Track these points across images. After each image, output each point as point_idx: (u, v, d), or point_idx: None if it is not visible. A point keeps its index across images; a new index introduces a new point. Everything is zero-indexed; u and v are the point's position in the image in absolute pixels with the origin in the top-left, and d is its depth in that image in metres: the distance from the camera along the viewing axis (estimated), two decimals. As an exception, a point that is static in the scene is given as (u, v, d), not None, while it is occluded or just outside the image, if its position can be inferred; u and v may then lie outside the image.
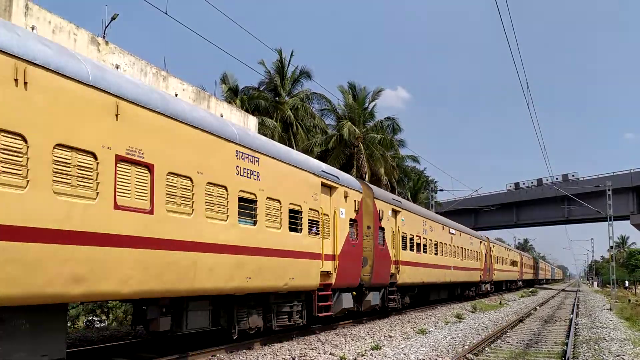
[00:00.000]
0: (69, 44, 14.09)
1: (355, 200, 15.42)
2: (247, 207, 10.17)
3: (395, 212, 19.32)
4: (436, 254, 24.57)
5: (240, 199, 9.91)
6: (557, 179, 62.04)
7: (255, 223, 10.38)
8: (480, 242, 36.42)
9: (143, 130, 7.86)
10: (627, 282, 75.60)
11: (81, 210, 6.78)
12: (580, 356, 11.97)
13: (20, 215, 6.09)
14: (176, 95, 16.23)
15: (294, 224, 11.91)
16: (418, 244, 21.88)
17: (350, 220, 15.01)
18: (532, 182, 67.95)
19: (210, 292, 9.28)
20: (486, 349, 12.93)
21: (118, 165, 7.37)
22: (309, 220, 12.61)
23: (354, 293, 15.54)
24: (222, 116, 17.84)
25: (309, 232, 12.55)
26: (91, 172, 6.98)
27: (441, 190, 58.45)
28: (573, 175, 63.18)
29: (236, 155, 9.90)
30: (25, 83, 6.26)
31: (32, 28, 12.63)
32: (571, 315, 22.43)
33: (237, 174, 9.87)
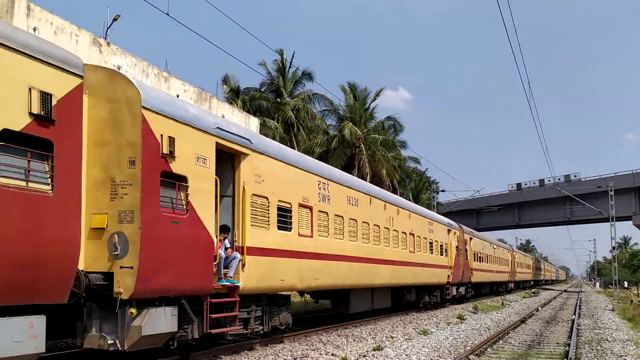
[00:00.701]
0: (71, 45, 14.12)
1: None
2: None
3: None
4: (355, 239, 15.30)
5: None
6: (559, 179, 61.96)
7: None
8: (449, 230, 26.88)
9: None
10: (626, 282, 75.34)
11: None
12: (582, 357, 11.94)
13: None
14: (178, 96, 16.25)
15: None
16: (310, 221, 13.13)
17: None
18: (534, 183, 67.87)
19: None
20: (488, 349, 12.90)
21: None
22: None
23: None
24: (223, 117, 17.90)
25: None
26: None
27: (443, 190, 58.44)
28: (575, 176, 63.09)
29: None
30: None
31: (34, 29, 12.65)
32: (573, 316, 22.37)
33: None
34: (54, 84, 6.61)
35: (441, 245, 24.88)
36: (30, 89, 6.30)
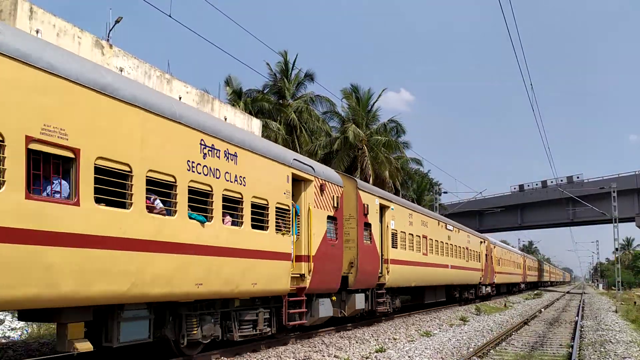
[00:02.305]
0: (73, 47, 14.13)
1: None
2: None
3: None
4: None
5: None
6: (561, 180, 61.97)
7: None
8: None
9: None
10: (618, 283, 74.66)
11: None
12: (585, 358, 11.92)
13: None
14: (180, 98, 16.24)
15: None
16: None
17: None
18: (536, 184, 67.90)
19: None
20: (491, 351, 12.87)
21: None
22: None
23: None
24: (225, 119, 17.87)
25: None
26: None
27: (445, 192, 58.37)
28: (578, 177, 63.10)
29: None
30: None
31: (37, 32, 12.69)
32: (576, 318, 22.32)
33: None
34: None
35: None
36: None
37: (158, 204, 7.97)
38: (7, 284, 5.83)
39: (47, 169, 6.40)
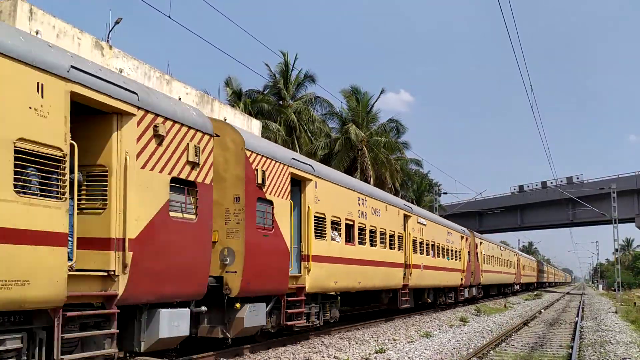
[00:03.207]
0: (73, 48, 14.14)
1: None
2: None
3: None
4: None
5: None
6: (561, 181, 61.97)
7: None
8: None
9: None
10: (614, 283, 74.71)
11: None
12: (585, 359, 11.92)
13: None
14: (180, 99, 16.25)
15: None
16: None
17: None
18: (536, 185, 67.89)
19: None
20: (491, 352, 12.87)
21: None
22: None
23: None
24: (225, 119, 17.88)
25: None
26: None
27: (445, 193, 58.38)
28: (577, 178, 63.10)
29: None
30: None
31: (37, 32, 12.69)
32: (576, 318, 22.33)
33: None
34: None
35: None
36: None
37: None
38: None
39: None
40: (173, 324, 8.10)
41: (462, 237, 28.47)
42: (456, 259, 26.93)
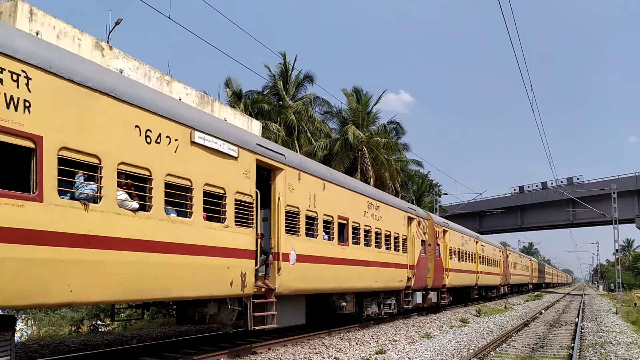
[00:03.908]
0: (74, 49, 14.12)
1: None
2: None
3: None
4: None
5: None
6: (561, 182, 61.98)
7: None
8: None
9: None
10: (611, 284, 74.34)
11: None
12: (586, 360, 11.91)
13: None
14: (180, 99, 16.25)
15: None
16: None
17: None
18: (536, 186, 67.89)
19: None
20: (491, 353, 12.86)
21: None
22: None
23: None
24: (225, 120, 17.83)
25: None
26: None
27: (445, 193, 58.30)
28: (578, 179, 63.11)
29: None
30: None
31: (37, 33, 12.68)
32: (577, 319, 22.30)
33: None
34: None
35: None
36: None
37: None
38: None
39: None
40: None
41: (408, 218, 20.03)
42: (396, 249, 18.36)
